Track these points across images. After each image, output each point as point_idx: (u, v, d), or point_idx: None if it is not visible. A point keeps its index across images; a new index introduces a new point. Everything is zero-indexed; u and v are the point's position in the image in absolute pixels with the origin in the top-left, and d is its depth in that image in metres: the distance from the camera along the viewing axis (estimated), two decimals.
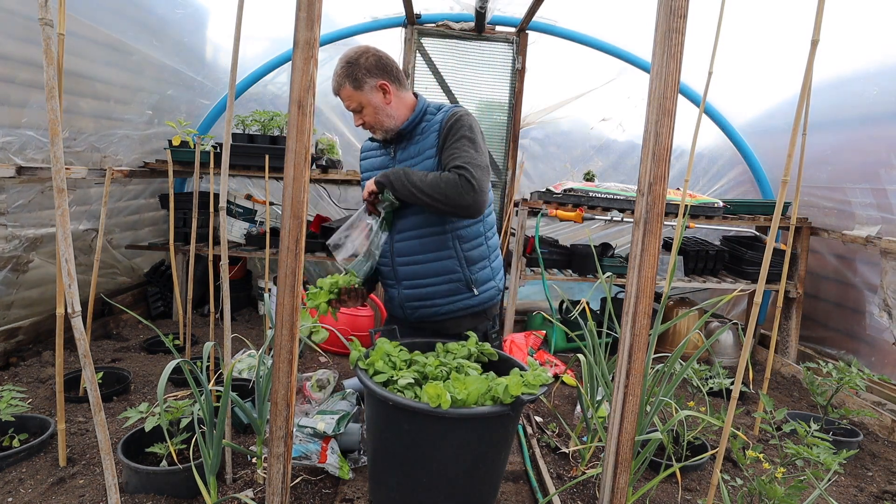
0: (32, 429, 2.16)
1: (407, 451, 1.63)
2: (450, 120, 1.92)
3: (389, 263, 2.06)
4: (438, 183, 1.80)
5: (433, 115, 1.99)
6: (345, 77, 1.90)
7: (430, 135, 1.95)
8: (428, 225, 1.97)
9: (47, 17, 1.22)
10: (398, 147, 2.03)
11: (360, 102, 1.93)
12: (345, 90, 1.92)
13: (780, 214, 1.58)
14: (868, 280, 3.48)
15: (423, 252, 1.99)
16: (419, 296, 2.03)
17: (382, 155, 2.10)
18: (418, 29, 4.13)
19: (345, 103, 1.96)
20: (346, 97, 1.93)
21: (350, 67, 1.89)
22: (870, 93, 3.13)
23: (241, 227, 4.10)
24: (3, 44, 2.42)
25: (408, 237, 1.99)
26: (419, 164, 1.95)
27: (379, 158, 2.11)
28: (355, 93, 1.91)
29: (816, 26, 1.45)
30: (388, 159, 2.07)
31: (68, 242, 1.23)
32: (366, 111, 1.94)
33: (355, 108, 1.95)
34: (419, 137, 1.98)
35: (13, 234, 2.81)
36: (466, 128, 1.90)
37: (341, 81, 1.91)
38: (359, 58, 1.90)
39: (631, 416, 1.21)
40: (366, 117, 1.96)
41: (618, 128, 4.48)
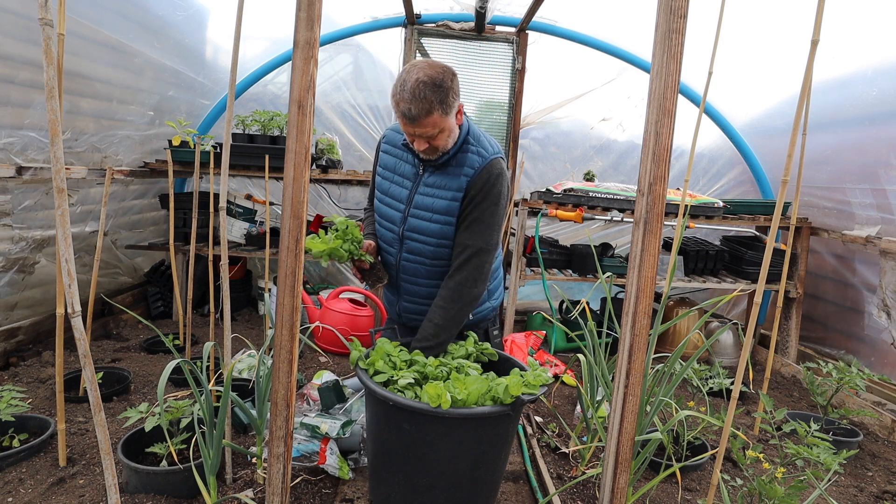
0: (32, 429, 2.16)
1: (407, 451, 1.63)
2: (486, 174, 1.82)
3: (394, 275, 2.05)
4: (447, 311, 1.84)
5: (469, 148, 1.87)
6: (437, 103, 1.66)
7: (461, 176, 1.84)
8: (439, 258, 1.94)
9: (47, 17, 1.22)
10: (428, 167, 1.90)
11: (442, 128, 1.73)
12: (433, 118, 1.68)
13: (780, 214, 1.58)
14: (867, 280, 3.48)
15: (426, 277, 1.98)
16: (417, 311, 2.05)
17: (408, 163, 1.95)
18: (418, 29, 4.13)
19: (421, 130, 1.71)
20: (432, 124, 1.70)
21: (441, 92, 1.66)
22: (870, 93, 3.13)
23: (241, 227, 4.10)
24: (3, 44, 2.42)
25: (416, 261, 1.97)
26: (442, 199, 1.87)
27: (403, 164, 1.96)
28: (443, 119, 1.70)
29: (816, 26, 1.45)
30: (413, 172, 1.94)
31: (68, 242, 1.23)
32: (441, 136, 1.75)
33: (432, 134, 1.73)
34: (452, 169, 1.86)
35: (20, 235, 2.81)
36: (497, 194, 1.83)
37: (430, 108, 1.66)
38: (444, 79, 1.68)
39: (631, 416, 1.21)
40: (438, 142, 1.77)
41: (618, 128, 4.48)
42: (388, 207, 1.99)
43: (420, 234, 1.92)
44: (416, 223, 1.92)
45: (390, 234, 1.99)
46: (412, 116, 1.68)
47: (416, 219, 1.92)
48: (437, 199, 1.88)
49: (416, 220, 1.91)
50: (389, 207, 1.98)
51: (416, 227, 1.92)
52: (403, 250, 1.97)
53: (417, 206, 1.91)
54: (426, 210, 1.90)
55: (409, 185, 1.94)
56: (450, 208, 1.86)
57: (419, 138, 1.76)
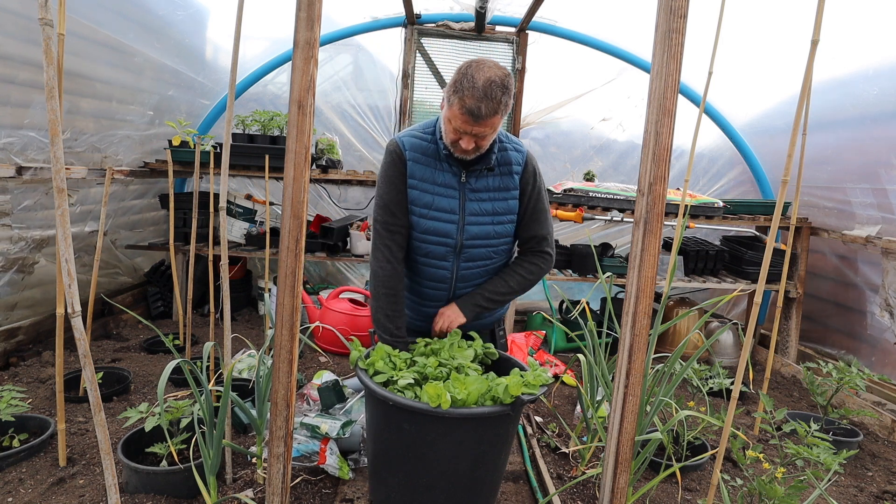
0: (32, 429, 2.16)
1: (407, 452, 1.63)
2: (531, 168, 1.89)
3: (447, 289, 1.95)
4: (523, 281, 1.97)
5: (506, 146, 1.88)
6: (504, 105, 1.65)
7: (511, 175, 1.86)
8: (494, 256, 1.95)
9: (47, 17, 1.22)
10: (471, 171, 1.83)
11: (495, 129, 1.71)
12: (496, 118, 1.66)
13: (780, 214, 1.58)
14: (869, 280, 3.47)
15: (482, 277, 1.98)
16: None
17: (447, 171, 1.83)
18: (418, 29, 4.13)
19: (480, 129, 1.66)
20: (492, 125, 1.67)
21: (508, 95, 1.66)
22: (870, 93, 3.13)
23: (241, 227, 4.10)
24: (3, 44, 2.42)
25: (475, 266, 1.93)
26: (501, 200, 1.86)
27: (442, 174, 1.83)
28: (500, 120, 1.69)
29: (816, 26, 1.45)
30: (455, 180, 1.84)
31: (68, 242, 1.23)
32: (489, 137, 1.72)
33: (484, 135, 1.70)
34: (499, 170, 1.85)
35: (19, 235, 2.81)
36: (542, 181, 1.95)
37: (498, 108, 1.64)
38: (510, 82, 1.67)
39: (631, 416, 1.21)
40: (485, 142, 1.73)
41: (618, 128, 4.48)
42: (437, 221, 1.85)
43: (483, 238, 1.88)
44: (476, 230, 1.86)
45: (443, 248, 1.87)
46: (479, 114, 1.62)
47: (475, 226, 1.86)
48: (497, 201, 1.87)
49: (476, 226, 1.86)
50: (438, 221, 1.84)
51: (478, 234, 1.87)
52: (462, 260, 1.89)
53: (474, 213, 1.85)
54: (486, 215, 1.86)
55: (456, 193, 1.84)
56: (511, 207, 1.90)
57: (469, 137, 1.69)
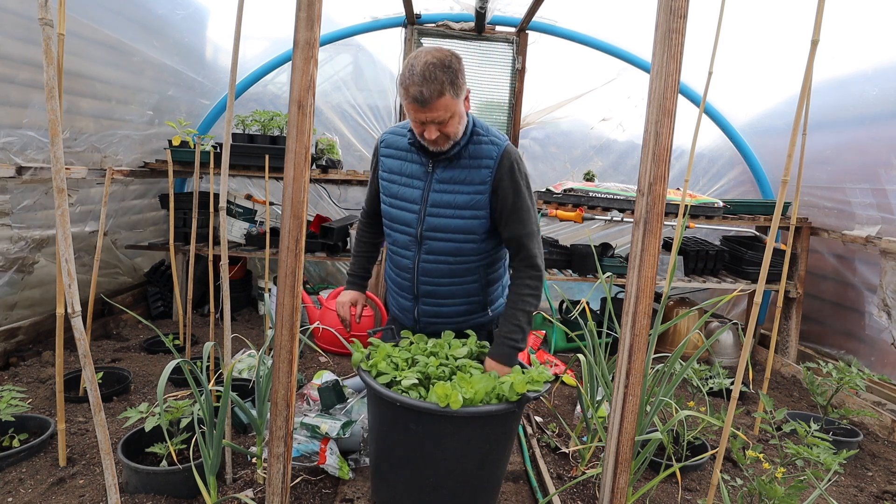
0: (32, 429, 2.16)
1: (414, 452, 1.63)
2: (507, 162, 1.80)
3: (411, 280, 1.96)
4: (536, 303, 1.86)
5: (481, 139, 1.84)
6: (448, 84, 1.62)
7: (481, 169, 1.81)
8: (462, 254, 1.88)
9: (47, 17, 1.22)
10: (438, 162, 1.84)
11: (453, 113, 1.68)
12: (445, 99, 1.63)
13: (780, 214, 1.58)
14: (867, 280, 3.47)
15: (449, 276, 1.92)
16: (437, 314, 1.99)
17: (415, 162, 1.88)
18: (418, 29, 4.13)
19: (433, 115, 1.66)
20: (444, 107, 1.65)
21: (451, 73, 1.63)
22: (870, 93, 3.13)
23: (241, 227, 4.10)
24: (3, 44, 2.42)
25: (437, 261, 1.90)
26: (464, 193, 1.82)
27: (410, 165, 1.89)
28: (454, 101, 1.66)
29: (816, 26, 1.45)
30: (422, 170, 1.87)
31: (68, 242, 1.23)
32: (452, 121, 1.71)
33: (443, 119, 1.68)
34: (467, 162, 1.82)
35: (19, 235, 2.81)
36: (524, 177, 1.85)
37: (442, 88, 1.62)
38: (452, 60, 1.65)
39: (631, 416, 1.21)
40: (449, 128, 1.72)
41: (618, 128, 4.48)
42: (401, 210, 1.90)
43: (442, 231, 1.85)
44: (436, 222, 1.84)
45: (405, 237, 1.91)
46: (424, 99, 1.62)
47: (435, 217, 1.84)
48: (459, 194, 1.83)
49: (437, 218, 1.84)
50: (402, 210, 1.90)
51: (437, 226, 1.85)
52: (423, 251, 1.89)
53: (435, 205, 1.84)
54: (447, 207, 1.84)
55: (421, 184, 1.86)
56: (474, 202, 1.82)
57: (430, 125, 1.69)
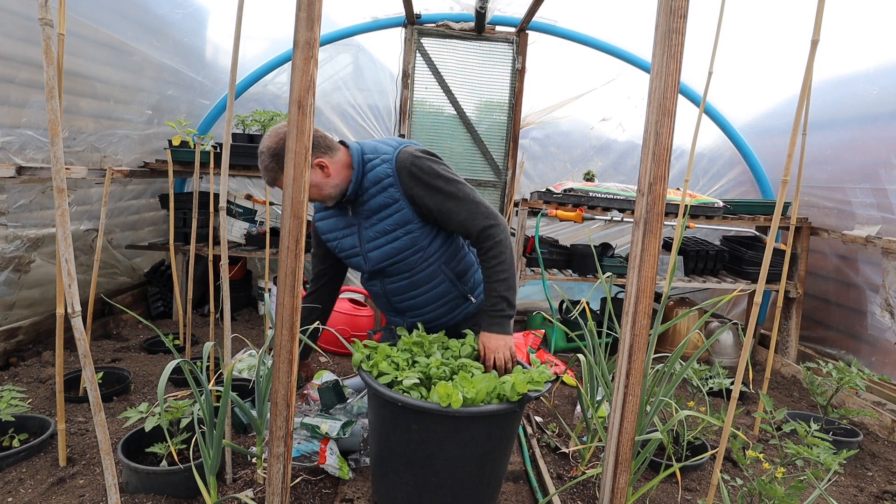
0: (32, 429, 2.16)
1: (416, 452, 1.63)
2: (404, 170, 1.84)
3: (388, 302, 2.10)
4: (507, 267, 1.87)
5: (374, 163, 1.90)
6: (279, 171, 1.79)
7: (386, 189, 1.87)
8: (416, 266, 1.97)
9: (47, 17, 1.22)
10: (353, 205, 1.95)
11: (295, 183, 1.82)
12: (273, 187, 1.85)
13: (780, 214, 1.58)
14: (870, 280, 3.47)
15: (417, 287, 2.02)
16: (424, 321, 2.08)
17: (340, 216, 2.01)
18: (418, 29, 4.13)
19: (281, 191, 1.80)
20: (282, 186, 1.74)
21: (280, 160, 1.77)
22: (870, 93, 3.13)
23: (241, 227, 4.10)
24: (3, 44, 2.42)
25: (401, 279, 2.01)
26: (387, 217, 1.90)
27: (338, 220, 2.02)
28: (281, 180, 1.80)
29: (816, 26, 1.45)
30: (344, 219, 2.00)
31: (68, 242, 1.23)
32: (310, 193, 1.79)
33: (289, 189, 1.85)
34: (372, 191, 1.89)
35: (15, 234, 2.80)
36: (428, 172, 1.84)
37: (276, 175, 1.80)
38: (264, 151, 1.81)
39: (631, 416, 1.21)
40: (314, 189, 1.85)
41: (618, 128, 4.48)
42: (350, 258, 2.05)
43: (389, 258, 1.94)
44: (377, 254, 1.95)
45: (365, 274, 2.09)
46: (269, 183, 1.85)
47: (375, 250, 1.95)
48: (384, 220, 1.91)
49: (376, 251, 1.94)
50: (350, 257, 2.04)
51: (381, 257, 1.95)
52: (384, 277, 2.04)
53: (370, 240, 1.95)
54: (381, 236, 1.92)
55: (354, 229, 1.98)
56: (402, 219, 1.89)
57: None
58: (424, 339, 1.91)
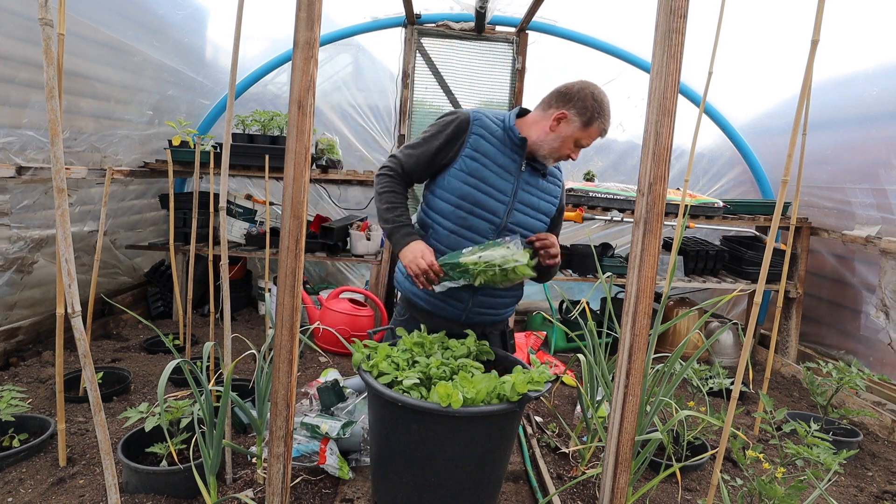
0: (32, 429, 2.16)
1: (416, 452, 1.63)
2: (563, 182, 2.09)
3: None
4: None
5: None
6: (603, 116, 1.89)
7: (557, 185, 2.05)
8: None
9: (47, 17, 1.22)
10: (528, 164, 1.96)
11: None
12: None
13: (780, 214, 1.58)
14: (866, 280, 3.47)
15: None
16: (490, 304, 2.02)
17: (509, 157, 1.94)
18: (418, 29, 4.13)
19: (590, 141, 1.91)
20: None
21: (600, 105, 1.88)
22: (869, 93, 3.13)
23: (241, 227, 4.10)
24: (3, 44, 2.42)
25: None
26: (544, 200, 2.00)
27: (504, 158, 1.93)
28: None
29: (816, 26, 1.45)
30: (514, 166, 1.94)
31: (68, 242, 1.23)
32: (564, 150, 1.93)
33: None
34: (547, 176, 2.01)
35: (18, 235, 2.81)
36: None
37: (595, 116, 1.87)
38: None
39: (631, 416, 1.21)
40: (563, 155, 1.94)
41: (618, 127, 4.48)
42: (489, 197, 1.91)
43: (524, 228, 1.95)
44: (522, 218, 1.94)
45: (487, 224, 1.91)
46: (606, 132, 1.91)
47: (522, 214, 1.94)
48: (542, 200, 1.99)
49: (522, 215, 1.94)
50: (490, 197, 1.91)
51: (521, 223, 1.95)
52: None
53: (522, 202, 1.94)
54: (532, 208, 1.96)
55: (512, 179, 1.92)
56: (549, 210, 2.01)
57: (576, 149, 1.93)
58: (425, 340, 1.91)
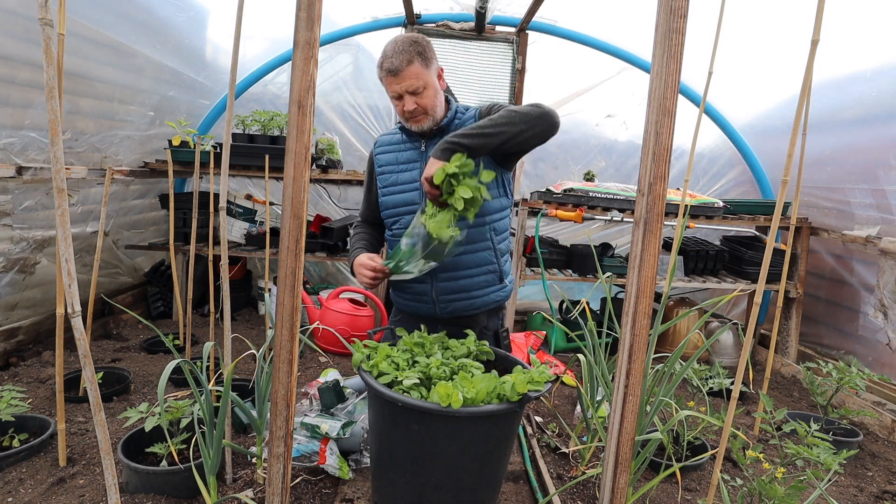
0: (32, 429, 2.16)
1: (416, 452, 1.63)
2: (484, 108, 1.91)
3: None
4: (513, 113, 1.75)
5: (464, 114, 1.97)
6: (415, 54, 1.79)
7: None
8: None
9: (47, 17, 1.22)
10: (429, 142, 1.94)
11: (425, 83, 1.82)
12: (413, 67, 1.79)
13: (780, 214, 1.58)
14: (864, 280, 3.48)
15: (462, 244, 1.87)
16: (456, 288, 1.98)
17: (410, 149, 1.98)
18: (418, 29, 4.13)
19: (406, 83, 1.80)
20: (414, 75, 1.80)
21: (417, 45, 1.80)
22: (869, 94, 3.13)
23: (241, 227, 4.10)
24: (3, 44, 2.42)
25: None
26: None
27: (406, 152, 1.98)
28: (424, 71, 1.81)
29: (816, 26, 1.45)
30: (416, 153, 1.96)
31: (68, 242, 1.23)
32: (426, 93, 1.84)
33: (416, 89, 1.82)
34: (449, 129, 1.92)
35: (21, 235, 2.81)
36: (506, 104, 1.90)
37: (410, 58, 1.78)
38: (419, 38, 1.83)
39: (631, 416, 1.21)
40: (425, 100, 1.84)
41: (620, 126, 4.49)
42: (401, 193, 1.97)
43: None
44: None
45: (412, 216, 1.90)
46: (395, 69, 1.79)
47: None
48: None
49: None
50: (402, 193, 1.96)
51: None
52: None
53: None
54: None
55: (417, 165, 1.95)
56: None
57: (406, 97, 1.83)
58: (426, 340, 1.91)
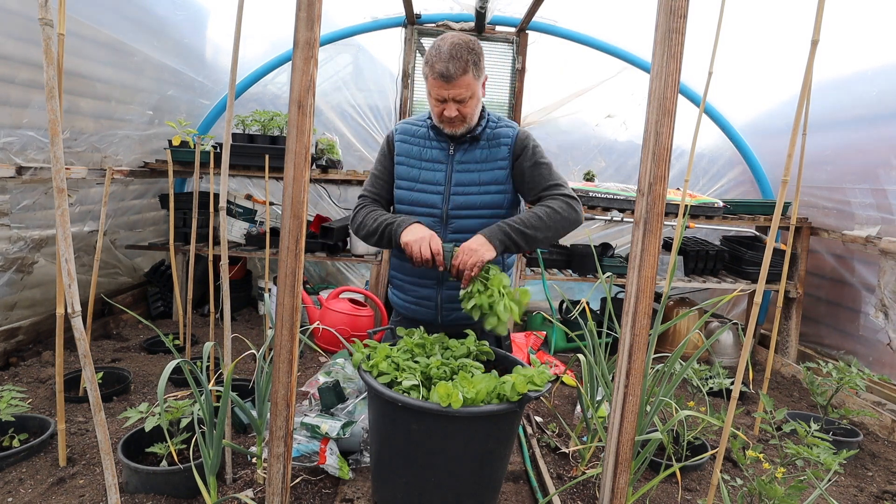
0: (32, 429, 2.16)
1: (416, 452, 1.63)
2: (522, 140, 1.93)
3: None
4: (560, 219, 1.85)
5: (496, 125, 1.96)
6: (471, 64, 1.76)
7: (500, 147, 1.93)
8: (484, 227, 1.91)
9: (47, 17, 1.22)
10: (458, 146, 1.93)
11: (472, 92, 1.81)
12: (467, 77, 1.76)
13: (780, 214, 1.58)
14: (865, 280, 3.48)
15: None
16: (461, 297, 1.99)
17: (436, 148, 1.95)
18: (418, 29, 4.13)
19: (455, 91, 1.78)
20: (465, 84, 1.77)
21: (474, 54, 1.77)
22: (869, 94, 3.13)
23: (241, 227, 4.10)
24: (3, 44, 2.42)
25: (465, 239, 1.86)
26: (487, 171, 1.92)
27: (429, 150, 1.96)
28: (475, 81, 1.80)
29: (816, 26, 1.45)
30: (443, 154, 1.94)
31: (68, 242, 1.23)
32: (471, 102, 1.83)
33: (463, 98, 1.80)
34: (486, 143, 1.93)
35: (19, 235, 2.81)
36: (540, 152, 1.94)
37: (466, 67, 1.75)
38: (475, 44, 1.79)
39: (631, 416, 1.21)
40: (468, 108, 1.83)
41: (620, 126, 4.48)
42: (423, 193, 1.94)
43: (469, 208, 1.91)
44: (462, 199, 1.91)
45: (430, 218, 1.93)
46: (449, 75, 1.74)
47: (462, 196, 1.91)
48: (482, 172, 1.91)
49: (463, 196, 1.91)
50: (423, 193, 1.94)
51: (464, 203, 1.91)
52: (448, 231, 1.93)
53: (460, 184, 1.91)
54: (472, 185, 1.91)
55: (443, 166, 1.93)
56: (498, 177, 1.92)
57: (450, 103, 1.81)
58: (426, 340, 1.91)
